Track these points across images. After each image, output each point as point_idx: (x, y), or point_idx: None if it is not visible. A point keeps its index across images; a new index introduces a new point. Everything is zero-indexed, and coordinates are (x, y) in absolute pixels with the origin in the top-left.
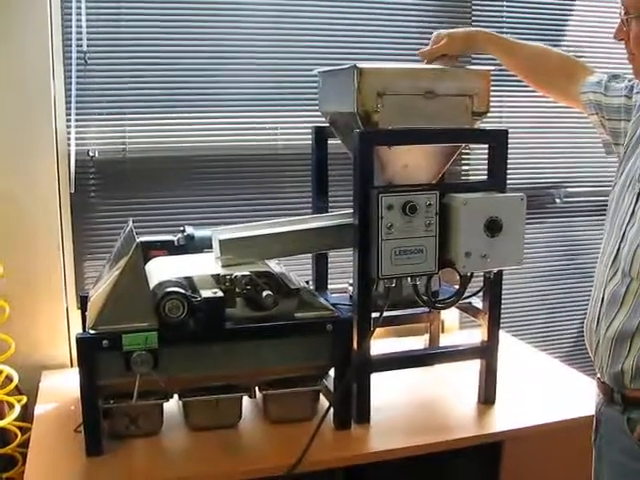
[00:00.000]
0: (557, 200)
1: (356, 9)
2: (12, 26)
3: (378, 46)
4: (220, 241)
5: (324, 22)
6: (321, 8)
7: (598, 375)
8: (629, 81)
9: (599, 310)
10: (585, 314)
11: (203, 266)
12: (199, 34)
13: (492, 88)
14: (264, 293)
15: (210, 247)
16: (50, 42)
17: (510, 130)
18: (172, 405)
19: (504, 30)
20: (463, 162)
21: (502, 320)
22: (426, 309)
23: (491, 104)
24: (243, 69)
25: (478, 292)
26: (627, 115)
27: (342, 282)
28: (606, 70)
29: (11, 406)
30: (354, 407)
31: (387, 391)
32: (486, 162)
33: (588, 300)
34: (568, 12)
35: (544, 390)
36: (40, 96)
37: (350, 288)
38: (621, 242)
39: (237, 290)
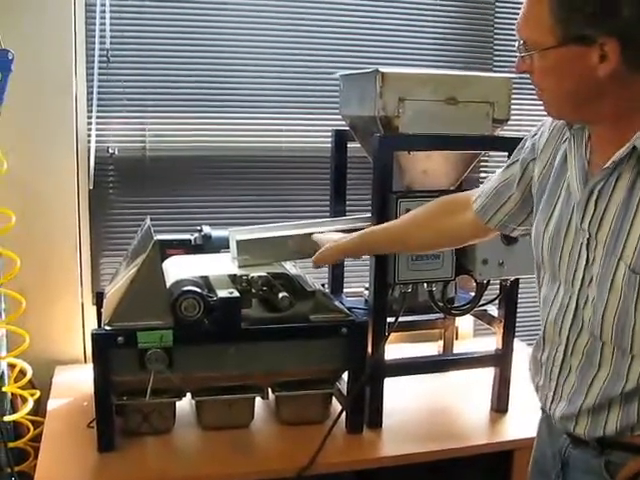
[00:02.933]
0: None
1: (377, 13)
2: (36, 23)
3: (398, 51)
4: (237, 241)
5: (344, 26)
6: (342, 12)
7: (559, 427)
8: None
9: (560, 369)
10: None
11: (220, 266)
12: (221, 35)
13: (513, 95)
14: (280, 295)
15: (227, 247)
16: (73, 39)
17: None
18: (185, 404)
19: None
20: (481, 169)
21: (517, 328)
22: (441, 315)
23: (511, 112)
24: (264, 71)
25: (494, 300)
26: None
27: (358, 286)
28: None
29: (24, 400)
30: (367, 411)
31: (400, 396)
32: None
33: None
34: None
35: None
36: (62, 93)
37: (366, 292)
38: (578, 299)
39: (253, 291)
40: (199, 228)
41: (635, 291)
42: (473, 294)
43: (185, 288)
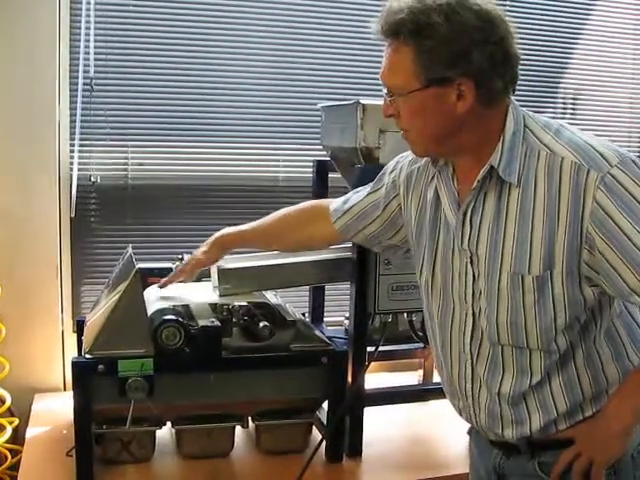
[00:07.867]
0: None
1: (359, 44)
2: (20, 51)
3: (380, 82)
4: (219, 270)
5: (326, 57)
6: (324, 43)
7: (491, 438)
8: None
9: (472, 384)
10: None
11: (201, 295)
12: (204, 65)
13: None
14: (261, 324)
15: (208, 276)
16: (57, 67)
17: None
18: (165, 432)
19: None
20: None
21: None
22: (421, 345)
23: None
24: (246, 101)
25: None
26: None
27: (338, 315)
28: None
29: (2, 428)
30: (346, 441)
31: (380, 426)
32: None
33: None
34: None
35: None
36: (45, 120)
37: (346, 322)
38: (473, 311)
39: (234, 320)
40: (180, 257)
41: (520, 291)
42: None
43: (166, 317)
